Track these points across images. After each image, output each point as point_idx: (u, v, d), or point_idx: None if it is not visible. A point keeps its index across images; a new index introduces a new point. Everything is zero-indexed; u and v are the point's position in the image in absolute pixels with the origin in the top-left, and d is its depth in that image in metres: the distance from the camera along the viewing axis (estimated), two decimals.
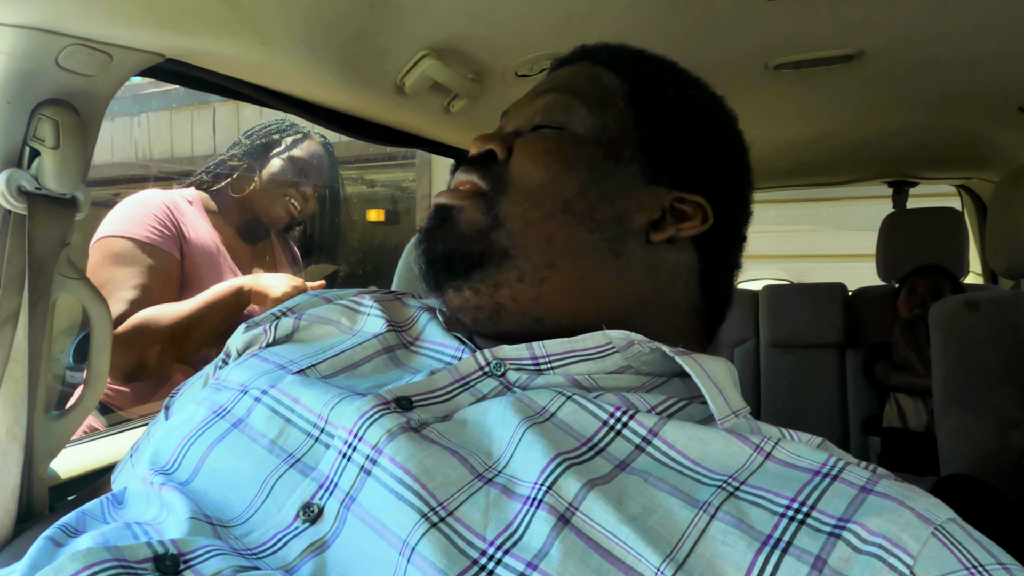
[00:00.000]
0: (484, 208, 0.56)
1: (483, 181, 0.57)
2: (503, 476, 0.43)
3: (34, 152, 0.65)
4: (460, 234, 0.56)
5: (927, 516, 0.38)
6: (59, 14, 0.61)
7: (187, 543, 0.40)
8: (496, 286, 0.55)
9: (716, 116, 0.64)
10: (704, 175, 0.61)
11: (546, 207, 0.56)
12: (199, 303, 1.27)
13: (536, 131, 0.60)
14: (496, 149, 0.59)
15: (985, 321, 1.14)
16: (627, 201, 0.57)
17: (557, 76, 0.65)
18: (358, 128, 1.12)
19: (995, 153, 1.72)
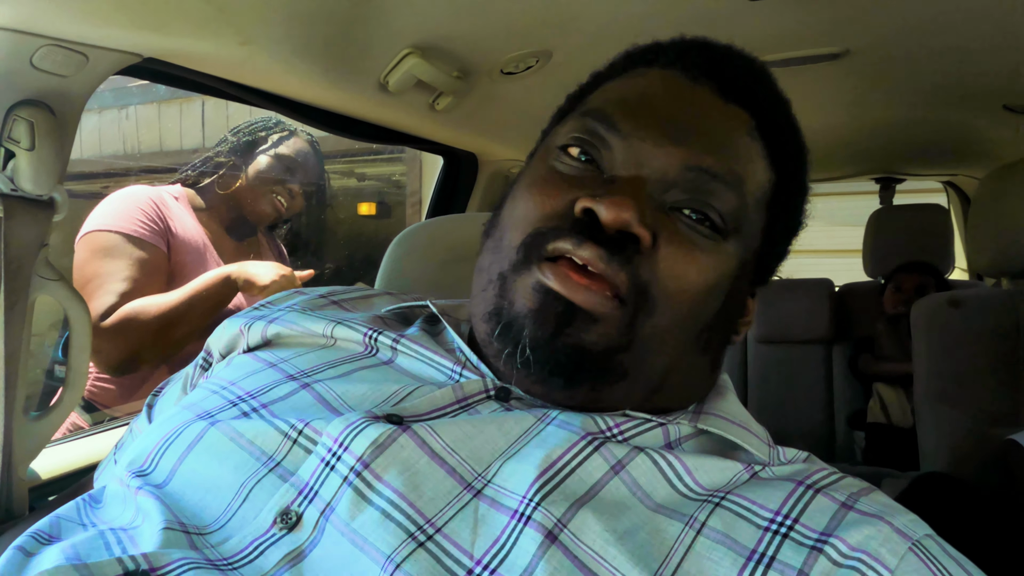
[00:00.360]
0: (623, 325, 0.45)
1: (627, 287, 0.45)
2: (492, 487, 0.42)
3: (9, 153, 0.65)
4: (588, 350, 0.46)
5: (905, 532, 0.40)
6: (32, 14, 0.60)
7: (160, 557, 0.39)
8: (596, 399, 0.48)
9: (805, 204, 0.58)
10: (775, 270, 0.57)
11: (683, 336, 0.48)
12: (187, 292, 1.27)
13: (685, 216, 0.48)
14: (644, 237, 0.45)
15: (967, 319, 1.15)
16: (735, 319, 0.53)
17: (708, 122, 0.50)
18: (343, 125, 1.11)
19: (980, 150, 1.73)
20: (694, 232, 0.47)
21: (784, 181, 0.52)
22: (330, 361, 0.55)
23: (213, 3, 0.68)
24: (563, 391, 0.48)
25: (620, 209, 0.44)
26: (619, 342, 0.46)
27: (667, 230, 0.46)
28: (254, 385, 0.53)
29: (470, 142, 1.50)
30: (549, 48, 1.01)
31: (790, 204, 0.54)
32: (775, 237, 0.53)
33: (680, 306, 0.47)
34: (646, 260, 0.46)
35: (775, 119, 0.51)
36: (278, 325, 0.60)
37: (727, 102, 0.50)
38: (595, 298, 0.45)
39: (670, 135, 0.48)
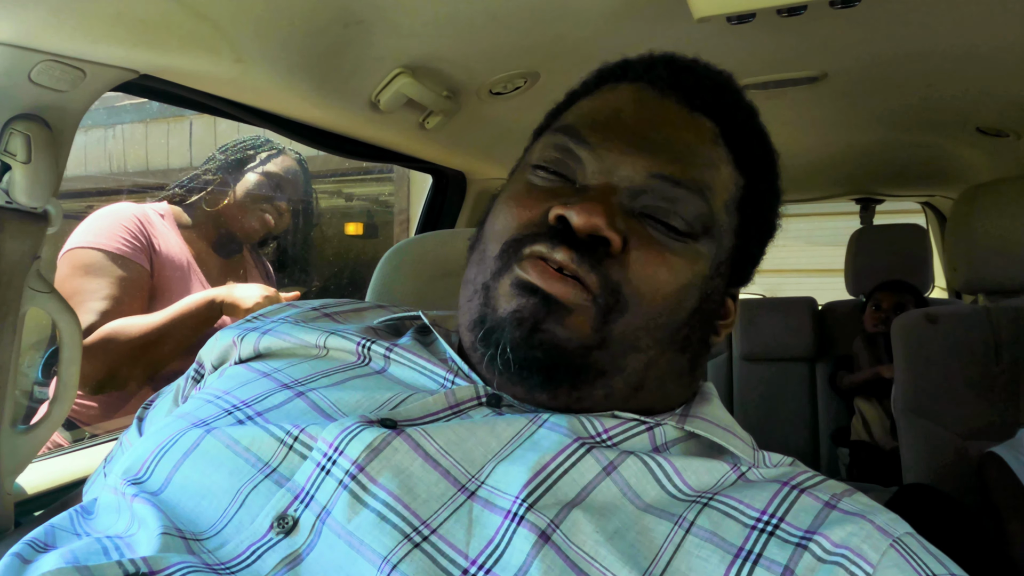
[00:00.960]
0: (596, 322, 0.47)
1: (598, 287, 0.47)
2: (485, 489, 0.43)
3: (5, 166, 0.66)
4: (564, 345, 0.47)
5: (886, 529, 0.41)
6: (31, 30, 0.62)
7: (158, 560, 0.40)
8: (579, 399, 0.50)
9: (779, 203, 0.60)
10: (753, 270, 0.59)
11: (656, 335, 0.50)
12: (170, 315, 1.26)
13: (654, 221, 0.50)
14: (613, 240, 0.48)
15: (944, 334, 1.18)
16: (712, 318, 0.54)
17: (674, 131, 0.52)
18: (334, 143, 1.13)
19: (955, 171, 1.78)
20: (663, 235, 0.49)
21: (754, 184, 0.54)
22: (324, 370, 0.56)
23: (209, 21, 0.69)
24: (544, 391, 0.49)
25: (590, 214, 0.47)
26: (593, 340, 0.48)
27: (637, 234, 0.49)
28: (249, 394, 0.54)
29: (459, 161, 1.52)
30: (537, 70, 1.04)
31: (762, 206, 0.55)
32: (749, 238, 0.55)
33: (652, 305, 0.49)
34: (616, 262, 0.48)
35: (740, 126, 0.54)
36: (271, 337, 0.60)
37: (692, 112, 0.53)
38: (569, 290, 0.47)
39: (636, 145, 0.50)
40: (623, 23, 0.88)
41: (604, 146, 0.51)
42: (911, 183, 2.10)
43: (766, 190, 0.56)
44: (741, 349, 2.25)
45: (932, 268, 2.15)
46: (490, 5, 0.81)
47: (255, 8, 0.70)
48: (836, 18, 0.86)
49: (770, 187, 0.56)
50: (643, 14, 0.85)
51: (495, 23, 0.85)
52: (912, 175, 1.95)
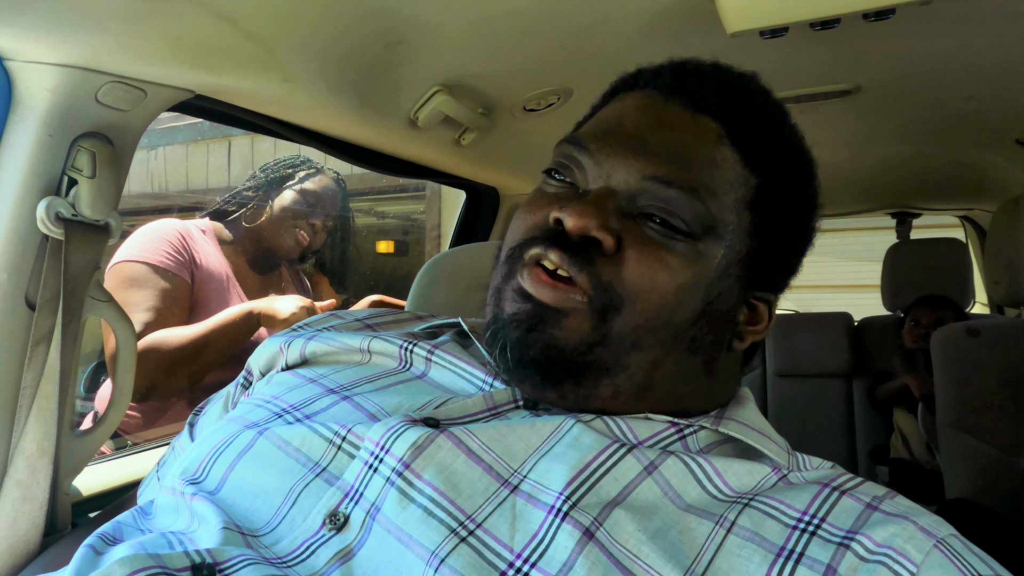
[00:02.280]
0: (591, 322, 0.49)
1: (590, 286, 0.49)
2: (528, 483, 0.44)
3: (72, 181, 0.70)
4: (561, 345, 0.49)
5: (930, 530, 0.41)
6: (99, 54, 0.66)
7: (221, 553, 0.42)
8: (587, 398, 0.51)
9: (817, 209, 0.58)
10: (787, 274, 0.57)
11: (658, 335, 0.50)
12: (209, 326, 1.31)
13: (652, 222, 0.51)
14: (604, 241, 0.49)
15: (986, 348, 1.16)
16: (728, 319, 0.54)
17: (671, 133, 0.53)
18: (373, 160, 1.16)
19: (994, 184, 1.75)
20: (661, 236, 0.50)
21: (770, 183, 0.53)
22: (367, 376, 0.58)
23: (260, 43, 0.73)
24: (547, 388, 0.51)
25: (580, 216, 0.49)
26: (592, 337, 0.49)
27: (632, 234, 0.50)
28: (297, 399, 0.56)
29: (492, 176, 1.55)
30: (570, 86, 1.06)
31: (782, 205, 0.54)
32: (770, 239, 0.54)
33: (649, 304, 0.49)
34: (610, 261, 0.49)
35: (749, 125, 0.53)
36: (316, 342, 0.63)
37: (696, 113, 0.53)
38: (560, 296, 0.49)
39: (632, 149, 0.52)
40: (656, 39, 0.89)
41: (603, 152, 0.52)
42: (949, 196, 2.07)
43: (787, 189, 0.54)
44: (775, 365, 2.23)
45: (972, 283, 2.11)
46: (525, 23, 0.83)
47: (303, 30, 0.74)
48: (870, 31, 0.86)
49: (792, 185, 0.55)
50: (676, 30, 0.86)
51: (529, 41, 0.88)
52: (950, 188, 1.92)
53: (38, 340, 0.68)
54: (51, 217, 0.68)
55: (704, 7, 0.76)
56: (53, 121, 0.67)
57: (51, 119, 0.67)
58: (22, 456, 0.68)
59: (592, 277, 0.49)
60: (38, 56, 0.65)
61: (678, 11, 0.80)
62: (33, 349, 0.69)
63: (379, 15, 0.76)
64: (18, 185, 0.67)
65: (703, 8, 0.76)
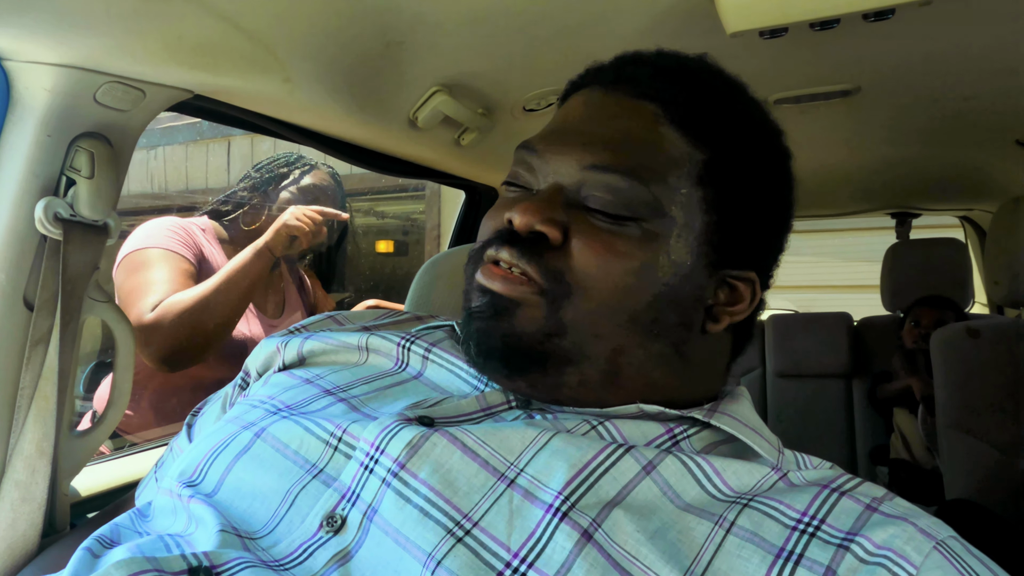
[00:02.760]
0: (547, 311, 0.50)
1: (540, 277, 0.50)
2: (525, 477, 0.44)
3: (70, 181, 0.70)
4: (520, 333, 0.50)
5: (929, 532, 0.41)
6: (98, 54, 0.66)
7: (219, 555, 0.42)
8: (555, 387, 0.52)
9: (787, 178, 0.58)
10: (763, 251, 0.56)
11: (615, 319, 0.51)
12: (222, 274, 1.28)
13: (595, 210, 0.52)
14: (549, 234, 0.51)
15: (986, 348, 1.16)
16: (693, 299, 0.53)
17: (610, 121, 0.54)
18: (372, 160, 1.16)
19: (994, 185, 1.75)
20: (607, 222, 0.51)
21: (720, 156, 0.53)
22: (363, 377, 0.58)
23: (261, 43, 0.73)
24: (513, 377, 0.52)
25: (524, 213, 0.51)
26: (548, 326, 0.50)
27: (578, 223, 0.51)
28: (293, 400, 0.56)
29: (492, 177, 1.55)
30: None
31: (738, 177, 0.53)
32: (732, 212, 0.53)
33: (600, 290, 0.50)
34: (558, 252, 0.51)
35: (689, 104, 0.53)
36: (314, 341, 0.63)
37: (635, 100, 0.54)
38: (511, 286, 0.51)
39: (574, 142, 0.53)
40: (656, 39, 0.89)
41: (549, 150, 0.54)
42: (948, 197, 2.07)
43: (741, 161, 0.54)
44: (775, 365, 2.23)
45: (972, 283, 2.11)
46: (524, 23, 0.83)
47: (303, 30, 0.74)
48: (870, 31, 0.86)
49: (747, 157, 0.54)
50: (675, 30, 0.86)
51: (529, 41, 0.88)
52: (949, 189, 1.92)
53: (37, 340, 0.68)
54: (49, 217, 0.68)
55: (704, 7, 0.76)
56: (52, 121, 0.67)
57: (50, 119, 0.67)
58: (21, 457, 0.68)
59: (541, 268, 0.50)
60: (37, 56, 0.64)
61: (678, 11, 0.80)
62: (32, 350, 0.68)
63: (379, 15, 0.76)
64: (17, 185, 0.67)
65: (703, 8, 0.76)
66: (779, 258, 0.59)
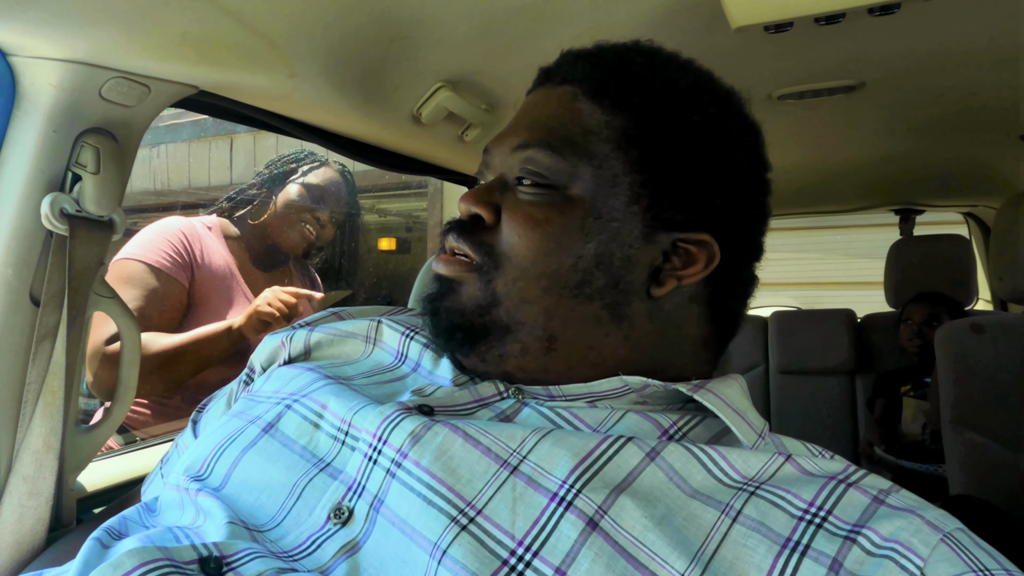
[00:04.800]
0: (481, 284, 0.54)
1: (476, 254, 0.55)
2: (528, 464, 0.44)
3: (76, 177, 0.70)
4: (461, 309, 0.55)
5: (937, 524, 0.41)
6: (104, 49, 0.66)
7: (228, 546, 0.42)
8: (501, 358, 0.54)
9: (724, 136, 0.56)
10: (710, 209, 0.55)
11: (540, 283, 0.53)
12: (191, 337, 1.32)
13: (521, 186, 0.56)
14: (483, 214, 0.56)
15: (991, 344, 1.15)
16: (625, 261, 0.53)
17: (536, 109, 0.59)
18: (376, 156, 1.16)
19: (998, 180, 1.74)
20: (529, 195, 0.55)
21: (637, 120, 0.55)
22: (364, 372, 0.59)
23: (266, 38, 0.73)
24: (468, 354, 0.56)
25: (464, 200, 0.57)
26: (484, 298, 0.54)
27: (508, 202, 0.56)
28: (295, 387, 0.57)
29: None
30: None
31: (663, 138, 0.54)
32: (663, 170, 0.54)
33: (524, 256, 0.54)
34: (491, 230, 0.56)
35: (604, 80, 0.57)
36: (319, 332, 0.64)
37: (557, 86, 0.59)
38: (452, 267, 0.56)
39: (505, 134, 0.59)
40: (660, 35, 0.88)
41: (492, 146, 0.60)
42: (952, 193, 2.06)
43: (662, 121, 0.55)
44: (778, 361, 2.23)
45: (975, 279, 2.10)
46: (529, 19, 0.83)
47: (309, 25, 0.74)
48: (875, 26, 0.86)
49: (668, 117, 0.55)
50: (680, 25, 0.86)
51: (533, 36, 0.88)
52: (953, 185, 1.91)
53: (43, 336, 0.68)
54: (55, 213, 0.68)
55: (709, 2, 0.76)
56: (58, 117, 0.67)
57: (56, 115, 0.67)
58: (28, 451, 0.68)
59: (475, 245, 0.55)
60: (43, 52, 0.65)
61: (683, 6, 0.80)
62: (38, 345, 0.69)
63: (383, 11, 0.76)
64: (23, 181, 0.67)
65: (708, 3, 0.76)
66: (752, 222, 0.58)
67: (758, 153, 0.59)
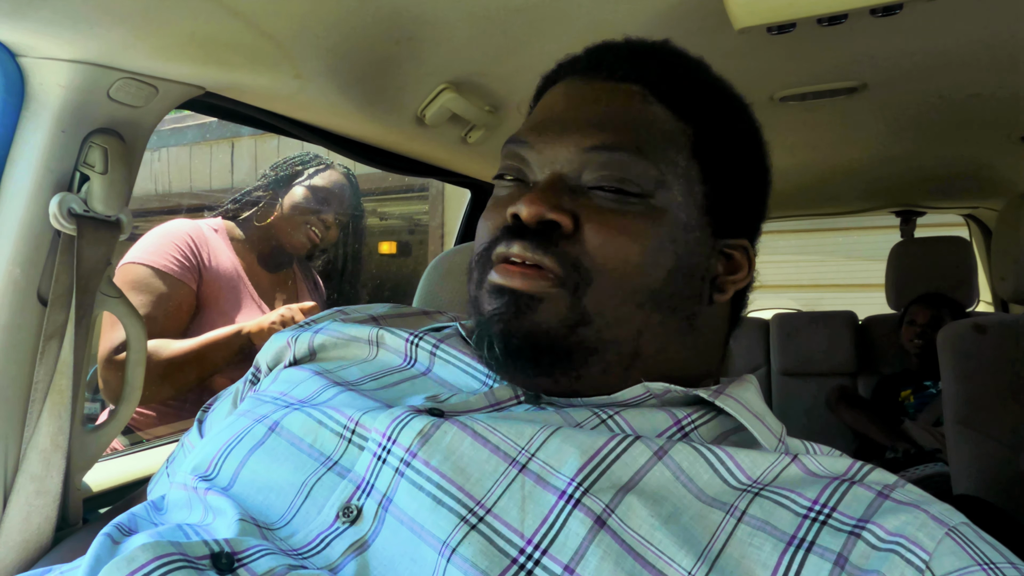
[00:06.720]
0: (568, 302, 0.50)
1: (558, 267, 0.50)
2: (536, 462, 0.44)
3: (84, 177, 0.70)
4: (545, 329, 0.50)
5: (941, 518, 0.41)
6: (112, 50, 0.66)
7: (239, 543, 0.43)
8: (577, 378, 0.51)
9: (761, 145, 0.59)
10: (751, 217, 0.58)
11: (635, 299, 0.51)
12: (201, 342, 1.33)
13: (602, 191, 0.52)
14: (561, 221, 0.50)
15: (993, 344, 1.16)
16: (700, 271, 0.54)
17: (599, 104, 0.55)
18: (380, 158, 1.17)
19: (999, 182, 1.75)
20: (614, 203, 0.51)
21: (706, 128, 0.54)
22: (372, 373, 0.59)
23: (272, 40, 0.73)
24: (539, 376, 0.51)
25: (532, 204, 0.50)
26: (571, 317, 0.50)
27: (588, 208, 0.51)
28: (304, 393, 0.57)
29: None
30: None
31: (723, 147, 0.55)
32: (722, 181, 0.55)
33: (619, 271, 0.50)
34: (572, 239, 0.51)
35: (670, 81, 0.55)
36: (324, 335, 0.63)
37: (618, 83, 0.55)
38: (531, 282, 0.50)
39: (566, 129, 0.54)
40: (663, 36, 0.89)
41: (541, 140, 0.54)
42: (953, 194, 2.07)
43: (723, 131, 0.55)
44: (780, 363, 2.23)
45: (976, 281, 2.11)
46: (532, 20, 0.83)
47: (315, 26, 0.74)
48: (877, 27, 0.86)
49: (727, 127, 0.56)
50: (683, 26, 0.87)
51: (536, 38, 0.88)
52: (954, 186, 1.92)
53: (50, 335, 0.69)
54: (63, 213, 0.68)
55: (711, 3, 0.76)
56: (66, 117, 0.68)
57: (64, 115, 0.67)
58: (36, 451, 0.69)
59: (558, 257, 0.50)
60: (52, 52, 0.65)
61: (685, 7, 0.81)
62: (45, 344, 0.69)
63: (389, 12, 0.76)
64: (31, 181, 0.68)
65: (711, 4, 0.77)
66: (762, 225, 0.60)
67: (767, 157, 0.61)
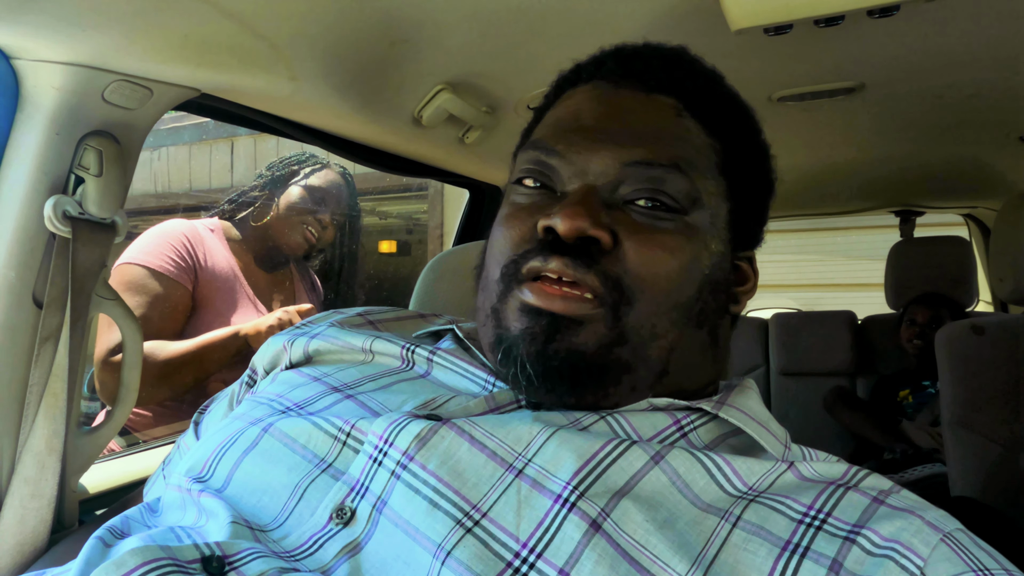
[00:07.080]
0: (609, 322, 0.48)
1: (600, 286, 0.48)
2: (533, 467, 0.44)
3: (78, 179, 0.70)
4: (583, 351, 0.48)
5: (937, 524, 0.41)
6: (106, 52, 0.66)
7: (231, 546, 0.42)
8: (606, 396, 0.50)
9: (770, 158, 0.59)
10: (759, 230, 0.59)
11: (671, 316, 0.50)
12: (197, 343, 1.33)
13: (640, 207, 0.51)
14: (602, 238, 0.48)
15: (991, 345, 1.16)
16: (725, 286, 0.54)
17: (634, 116, 0.53)
18: (377, 159, 1.17)
19: (998, 182, 1.75)
20: (652, 219, 0.50)
21: (731, 146, 0.54)
22: (370, 375, 0.59)
23: (267, 41, 0.73)
24: (572, 396, 0.50)
25: (572, 218, 0.48)
26: (611, 337, 0.48)
27: (625, 224, 0.50)
28: (301, 397, 0.56)
29: (495, 175, 1.55)
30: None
31: (746, 165, 0.56)
32: (743, 199, 0.56)
33: (659, 288, 0.49)
34: (612, 256, 0.49)
35: (702, 95, 0.54)
36: (319, 340, 0.63)
37: (650, 93, 0.54)
38: (573, 304, 0.48)
39: (602, 139, 0.52)
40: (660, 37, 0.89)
41: (572, 150, 0.52)
42: (952, 194, 2.07)
43: (746, 148, 0.56)
44: (779, 363, 2.23)
45: (975, 281, 2.11)
46: (529, 21, 0.83)
47: (310, 28, 0.74)
48: (874, 28, 0.86)
49: (749, 144, 0.57)
50: (680, 27, 0.86)
51: (533, 39, 0.88)
52: (953, 186, 1.92)
53: (45, 338, 0.68)
54: (58, 215, 0.68)
55: (708, 4, 0.76)
56: (60, 119, 0.68)
57: (58, 117, 0.67)
58: (31, 453, 0.68)
59: (600, 275, 0.48)
60: (46, 55, 0.65)
61: (682, 8, 0.80)
62: (41, 347, 0.69)
63: (384, 13, 0.76)
64: (26, 183, 0.68)
65: (707, 5, 0.77)
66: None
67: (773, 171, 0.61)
